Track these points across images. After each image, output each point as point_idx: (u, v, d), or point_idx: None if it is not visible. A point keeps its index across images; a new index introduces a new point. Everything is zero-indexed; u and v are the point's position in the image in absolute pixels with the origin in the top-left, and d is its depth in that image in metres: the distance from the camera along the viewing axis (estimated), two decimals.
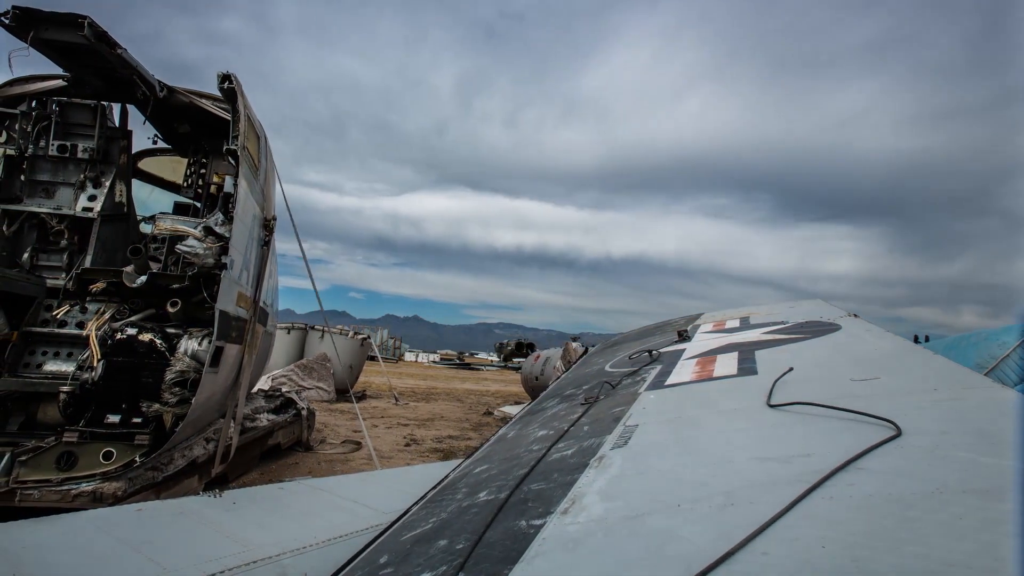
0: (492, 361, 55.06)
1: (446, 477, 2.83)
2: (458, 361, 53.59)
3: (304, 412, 6.71)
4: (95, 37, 3.81)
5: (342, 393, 13.16)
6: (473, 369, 42.82)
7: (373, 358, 17.28)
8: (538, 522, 1.57)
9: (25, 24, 3.72)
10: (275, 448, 6.09)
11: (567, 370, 10.48)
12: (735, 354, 3.50)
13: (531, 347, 48.92)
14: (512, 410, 12.11)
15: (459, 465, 3.02)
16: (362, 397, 13.67)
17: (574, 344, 11.63)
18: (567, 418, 2.92)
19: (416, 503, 2.50)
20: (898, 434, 1.64)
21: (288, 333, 13.60)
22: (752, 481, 1.54)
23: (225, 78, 3.96)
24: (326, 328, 14.17)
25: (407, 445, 7.72)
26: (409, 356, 55.88)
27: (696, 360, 3.61)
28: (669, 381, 3.16)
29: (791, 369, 2.64)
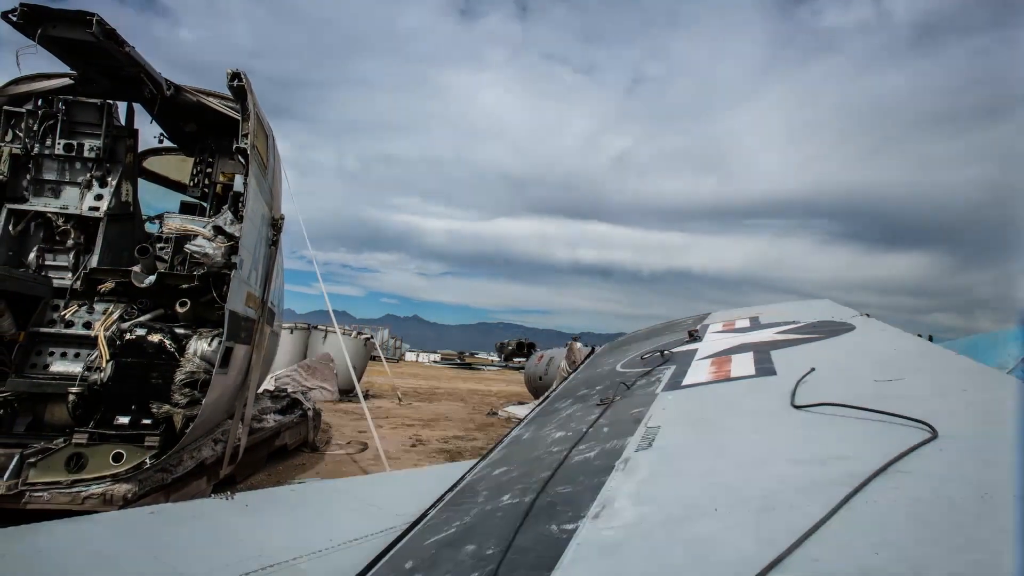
0: (493, 361, 55.00)
1: (462, 479, 2.79)
2: (459, 361, 53.57)
3: (310, 412, 6.67)
4: (103, 35, 3.77)
5: (346, 393, 13.12)
6: (474, 369, 42.78)
7: (376, 358, 17.25)
8: (570, 527, 1.54)
9: (33, 21, 3.68)
10: (282, 449, 6.05)
11: (572, 370, 10.47)
12: (750, 354, 3.47)
13: (532, 347, 48.82)
14: (516, 410, 12.07)
15: (474, 467, 2.98)
16: (366, 397, 13.62)
17: (578, 344, 11.60)
18: (584, 419, 2.88)
19: (434, 506, 2.46)
20: (934, 436, 1.60)
21: (291, 333, 13.57)
22: (789, 484, 1.51)
23: (235, 76, 3.92)
24: (331, 328, 14.14)
25: (413, 446, 7.69)
26: (410, 356, 55.85)
27: (711, 360, 3.57)
28: (686, 382, 3.12)
29: (813, 370, 2.60)
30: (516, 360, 48.88)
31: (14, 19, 3.63)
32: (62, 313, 4.18)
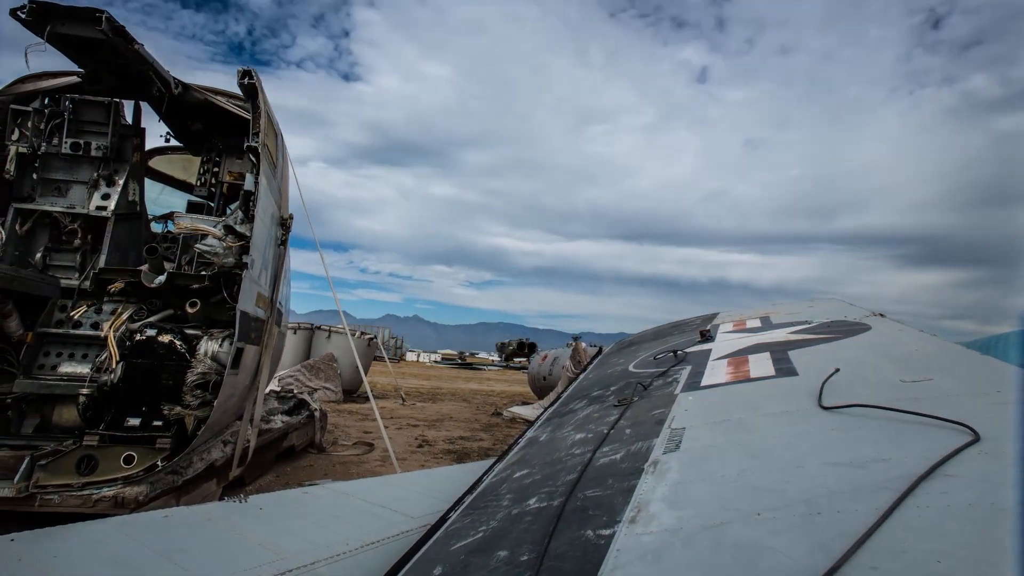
0: (493, 361, 54.92)
1: (480, 482, 2.75)
2: (460, 361, 53.47)
3: (317, 413, 6.63)
4: (112, 32, 3.73)
5: (349, 394, 13.08)
6: (475, 369, 42.71)
7: (379, 358, 17.22)
8: (606, 532, 1.50)
9: (42, 18, 3.64)
10: (289, 450, 6.01)
11: (578, 370, 10.39)
12: (767, 354, 3.43)
13: (532, 347, 48.76)
14: (521, 411, 12.01)
15: (490, 469, 2.95)
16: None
17: (583, 344, 11.55)
18: (603, 420, 2.85)
19: (453, 509, 2.42)
20: (977, 439, 1.57)
21: (294, 333, 13.52)
22: (831, 488, 1.47)
23: (245, 73, 3.88)
24: (335, 329, 14.09)
25: (420, 446, 7.64)
26: (410, 356, 55.77)
27: (727, 360, 3.53)
28: (704, 382, 3.09)
29: (837, 370, 2.56)
30: (516, 360, 48.83)
31: (23, 16, 3.59)
32: (73, 313, 4.13)
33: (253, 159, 3.88)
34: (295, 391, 7.19)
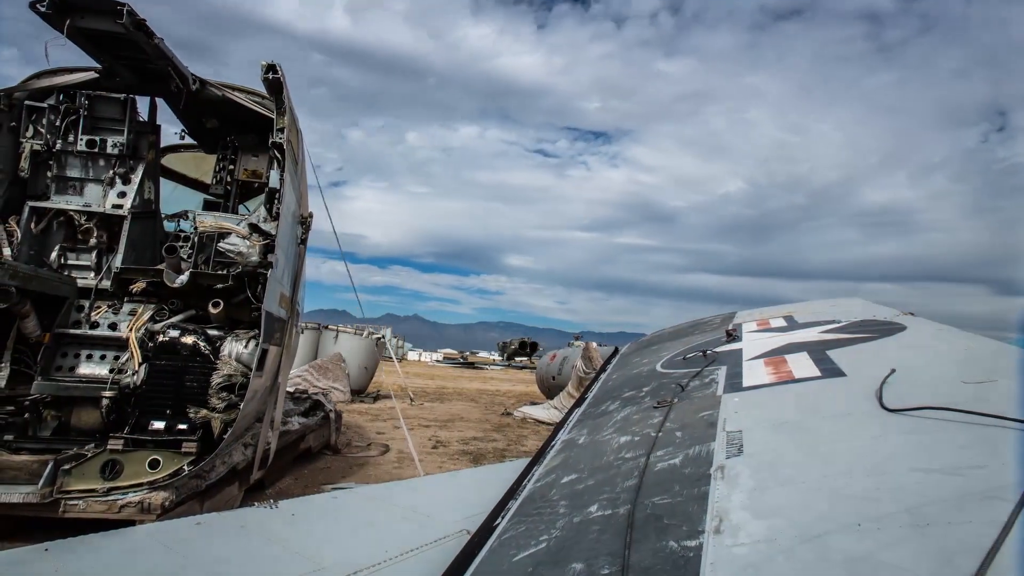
0: (495, 360, 54.79)
1: (522, 486, 2.67)
2: (462, 360, 53.35)
3: (332, 414, 6.55)
4: (133, 25, 3.64)
5: (357, 394, 13.00)
6: (477, 368, 42.62)
7: (386, 358, 17.13)
8: (691, 543, 1.42)
9: (62, 12, 3.55)
10: (306, 452, 5.93)
11: (590, 370, 10.28)
12: (804, 354, 3.34)
13: (534, 346, 48.69)
14: (532, 411, 11.92)
15: (529, 472, 2.86)
16: (377, 398, 13.52)
17: (594, 344, 11.47)
18: (646, 422, 2.76)
19: (500, 515, 2.34)
20: None
21: (302, 333, 13.42)
22: (931, 497, 1.39)
23: (270, 68, 3.79)
24: (343, 328, 14.00)
25: (434, 447, 7.56)
26: (412, 355, 55.63)
27: (763, 360, 3.44)
28: (746, 383, 3.00)
29: (893, 371, 2.47)
30: (518, 360, 48.75)
31: (43, 10, 3.50)
32: (93, 314, 4.04)
33: (278, 155, 3.79)
34: (309, 392, 7.11)
